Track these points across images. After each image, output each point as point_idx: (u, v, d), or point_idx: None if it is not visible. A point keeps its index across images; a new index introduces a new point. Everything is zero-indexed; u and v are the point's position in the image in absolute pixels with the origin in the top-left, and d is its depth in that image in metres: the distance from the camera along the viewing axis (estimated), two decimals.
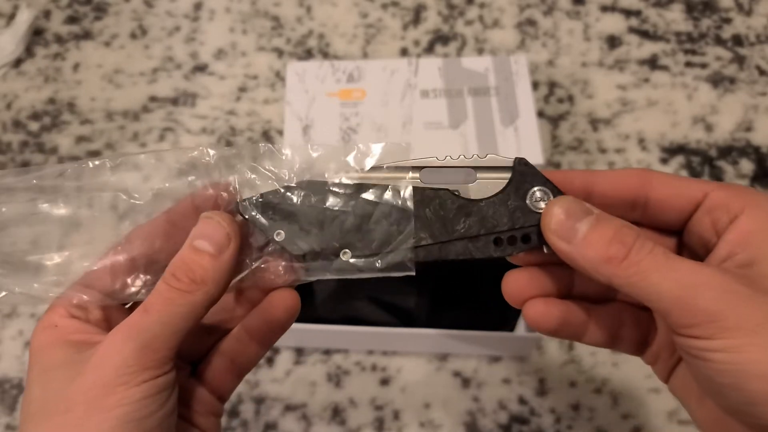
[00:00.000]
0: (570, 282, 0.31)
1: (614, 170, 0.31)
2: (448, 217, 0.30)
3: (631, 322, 0.32)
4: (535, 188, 0.30)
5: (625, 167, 0.60)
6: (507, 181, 0.30)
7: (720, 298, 0.25)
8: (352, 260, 0.30)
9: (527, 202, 0.30)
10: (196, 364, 0.33)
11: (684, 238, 0.31)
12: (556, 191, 0.30)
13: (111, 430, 0.25)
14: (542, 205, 0.30)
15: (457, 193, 0.30)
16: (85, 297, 0.29)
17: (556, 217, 0.28)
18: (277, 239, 0.30)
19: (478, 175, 0.31)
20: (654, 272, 0.26)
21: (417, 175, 0.31)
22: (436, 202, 0.30)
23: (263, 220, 0.30)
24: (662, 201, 0.30)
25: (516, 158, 0.31)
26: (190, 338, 0.28)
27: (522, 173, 0.30)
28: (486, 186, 0.31)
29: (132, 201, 0.30)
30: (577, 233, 0.27)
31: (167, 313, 0.27)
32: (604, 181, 0.30)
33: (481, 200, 0.30)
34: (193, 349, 0.33)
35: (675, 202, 0.30)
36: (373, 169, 0.30)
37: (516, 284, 0.31)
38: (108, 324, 0.29)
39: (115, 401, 0.26)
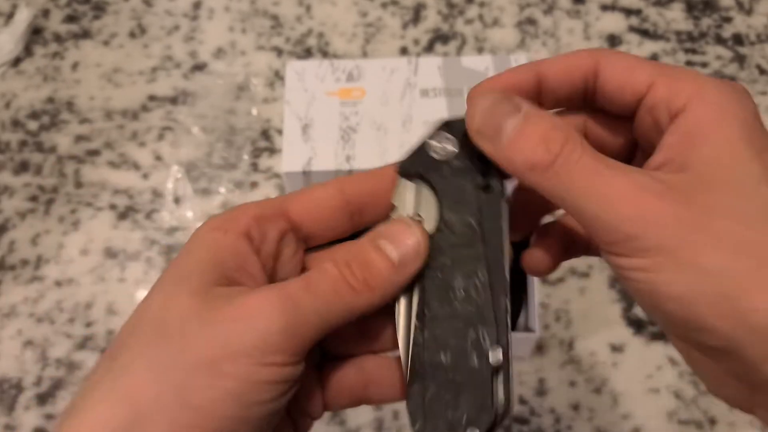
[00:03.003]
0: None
1: (566, 53, 0.27)
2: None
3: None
4: (431, 140, 0.27)
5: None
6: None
7: (638, 214, 0.22)
8: None
9: (431, 153, 0.27)
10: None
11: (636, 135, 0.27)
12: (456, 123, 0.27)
13: (212, 401, 0.22)
14: (449, 147, 0.27)
15: None
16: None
17: (479, 114, 0.25)
18: None
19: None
20: (579, 183, 0.23)
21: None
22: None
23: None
24: (609, 91, 0.26)
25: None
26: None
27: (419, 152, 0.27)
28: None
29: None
30: (502, 133, 0.24)
31: (326, 303, 0.24)
32: (555, 68, 0.26)
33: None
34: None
35: (620, 94, 0.25)
36: None
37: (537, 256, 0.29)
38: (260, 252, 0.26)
39: (233, 371, 0.22)
